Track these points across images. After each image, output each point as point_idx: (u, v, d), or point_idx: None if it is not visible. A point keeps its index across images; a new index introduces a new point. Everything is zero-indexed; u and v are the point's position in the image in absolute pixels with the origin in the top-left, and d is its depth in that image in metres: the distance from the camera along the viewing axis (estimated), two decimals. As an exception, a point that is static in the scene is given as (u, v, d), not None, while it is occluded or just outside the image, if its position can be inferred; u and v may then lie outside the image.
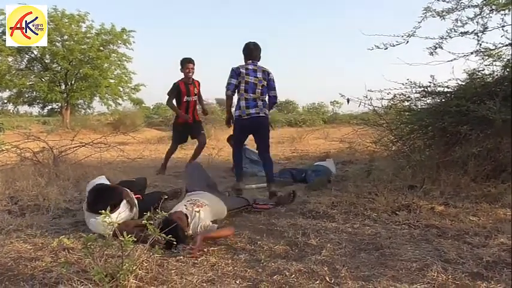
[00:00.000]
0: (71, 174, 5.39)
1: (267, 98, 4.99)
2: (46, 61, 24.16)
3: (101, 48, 24.05)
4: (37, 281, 2.33)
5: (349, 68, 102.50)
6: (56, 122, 24.02)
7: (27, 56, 23.94)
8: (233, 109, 5.15)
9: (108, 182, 3.69)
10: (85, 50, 23.26)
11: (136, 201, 3.59)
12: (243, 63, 4.96)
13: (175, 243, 2.54)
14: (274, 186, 4.76)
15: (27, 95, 25.29)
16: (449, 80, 5.06)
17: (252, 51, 4.95)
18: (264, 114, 4.88)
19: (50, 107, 27.40)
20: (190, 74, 6.41)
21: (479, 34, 5.02)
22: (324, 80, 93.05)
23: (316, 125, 24.27)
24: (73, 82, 24.66)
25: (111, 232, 2.26)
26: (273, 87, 5.00)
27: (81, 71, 23.49)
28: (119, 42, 24.62)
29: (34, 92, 24.72)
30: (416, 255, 2.73)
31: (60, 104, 25.45)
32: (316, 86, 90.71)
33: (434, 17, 4.99)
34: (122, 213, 3.36)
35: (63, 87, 24.65)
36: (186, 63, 6.38)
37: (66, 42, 23.37)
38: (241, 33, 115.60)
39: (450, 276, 2.37)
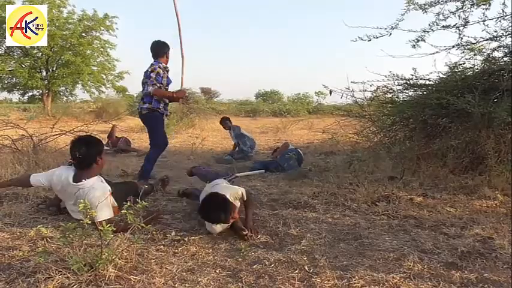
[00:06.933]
0: (51, 163, 5.31)
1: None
2: (26, 46, 23.56)
3: (83, 34, 23.55)
4: (14, 270, 2.31)
5: (337, 60, 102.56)
6: (37, 109, 23.52)
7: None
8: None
9: None
10: (66, 36, 22.71)
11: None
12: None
13: None
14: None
15: (6, 81, 24.62)
16: (431, 72, 5.13)
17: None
18: (143, 110, 4.91)
19: (30, 93, 26.77)
20: None
21: (461, 28, 5.08)
22: (310, 70, 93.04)
23: (301, 116, 24.47)
24: (54, 69, 24.08)
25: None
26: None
27: (62, 57, 22.92)
28: (102, 28, 24.14)
29: (14, 78, 24.08)
30: (393, 245, 2.79)
31: (41, 91, 24.90)
32: (302, 77, 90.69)
33: (417, 10, 5.03)
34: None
35: (44, 73, 24.10)
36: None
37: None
38: (232, 27, 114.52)
39: (426, 266, 2.42)
